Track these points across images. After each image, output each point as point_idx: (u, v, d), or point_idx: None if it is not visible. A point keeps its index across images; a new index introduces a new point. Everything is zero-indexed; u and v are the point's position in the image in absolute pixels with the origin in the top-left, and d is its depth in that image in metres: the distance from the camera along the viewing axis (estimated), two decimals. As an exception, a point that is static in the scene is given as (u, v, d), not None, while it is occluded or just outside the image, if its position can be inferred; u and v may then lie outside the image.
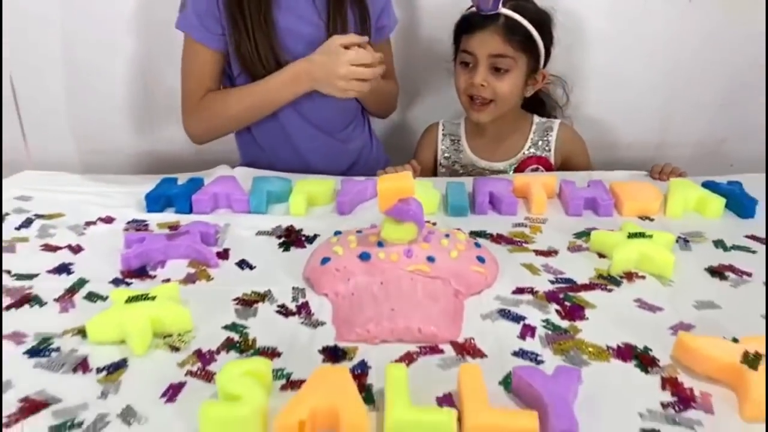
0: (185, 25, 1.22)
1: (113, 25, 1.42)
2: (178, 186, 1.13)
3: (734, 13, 1.49)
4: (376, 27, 1.29)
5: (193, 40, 1.22)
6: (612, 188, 1.11)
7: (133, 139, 1.58)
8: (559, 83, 1.41)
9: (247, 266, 0.93)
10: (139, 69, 1.47)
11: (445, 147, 1.38)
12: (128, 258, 0.91)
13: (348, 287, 0.84)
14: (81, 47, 1.44)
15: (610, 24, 1.50)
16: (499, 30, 1.21)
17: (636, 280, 0.89)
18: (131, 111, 1.54)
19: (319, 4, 1.22)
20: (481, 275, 0.87)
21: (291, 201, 1.08)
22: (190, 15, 1.21)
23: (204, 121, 1.27)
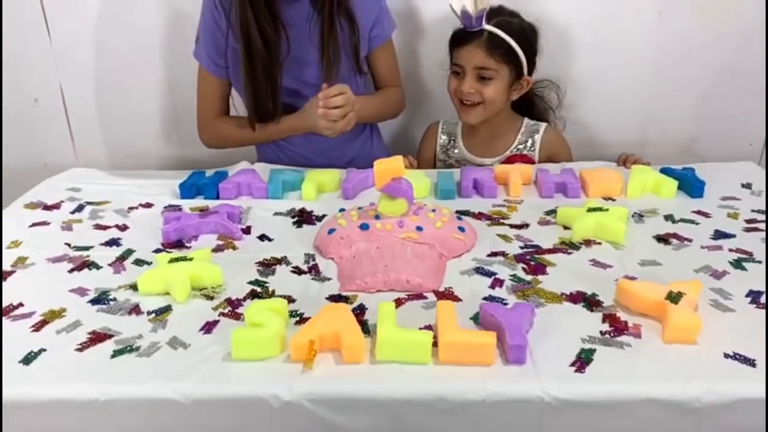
0: (198, 54, 1.40)
1: (146, 43, 1.61)
2: (206, 177, 1.31)
3: (704, 20, 1.64)
4: (369, 37, 1.43)
5: (203, 68, 1.40)
6: (581, 174, 1.28)
7: (162, 145, 1.76)
8: (553, 88, 1.56)
9: (266, 239, 1.11)
10: (168, 83, 1.65)
11: (442, 143, 1.55)
12: (168, 232, 1.09)
13: (350, 251, 1.01)
14: (118, 64, 1.63)
15: (592, 34, 1.66)
16: (482, 45, 1.36)
17: (593, 245, 1.05)
18: (162, 120, 1.72)
19: (313, 30, 1.35)
20: (461, 242, 1.04)
21: (303, 188, 1.26)
22: (201, 46, 1.38)
23: (216, 140, 1.48)
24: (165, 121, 1.69)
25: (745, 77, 1.65)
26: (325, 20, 1.32)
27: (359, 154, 1.52)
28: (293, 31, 1.34)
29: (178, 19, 1.53)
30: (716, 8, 1.63)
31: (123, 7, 1.58)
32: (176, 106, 1.62)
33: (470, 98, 1.41)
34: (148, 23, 1.58)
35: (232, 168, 1.38)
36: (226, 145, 1.50)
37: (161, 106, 1.67)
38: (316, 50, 1.35)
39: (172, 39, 1.53)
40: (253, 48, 1.29)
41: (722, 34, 1.64)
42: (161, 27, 1.58)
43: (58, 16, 1.49)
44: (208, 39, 1.36)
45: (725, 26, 1.63)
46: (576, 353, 0.79)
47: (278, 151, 1.49)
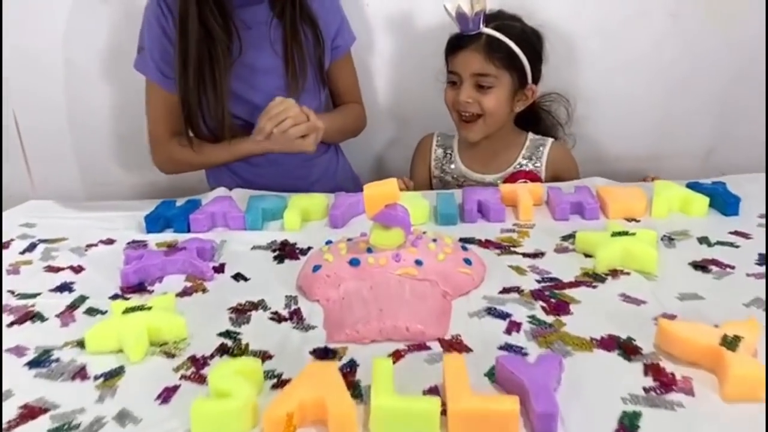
0: (142, 66, 1.27)
1: (113, 61, 1.48)
2: (176, 207, 1.16)
3: (719, 22, 1.52)
4: (331, 47, 1.33)
5: (150, 81, 1.27)
6: (598, 192, 1.14)
7: (133, 171, 1.62)
8: (561, 101, 1.43)
9: (242, 278, 0.96)
10: (137, 103, 1.52)
11: (437, 157, 1.41)
12: (127, 274, 0.94)
13: (339, 292, 0.86)
14: (81, 83, 1.50)
15: (599, 41, 1.53)
16: (480, 49, 1.25)
17: (621, 276, 0.91)
18: (131, 143, 1.58)
19: (273, 35, 1.25)
20: (468, 276, 0.89)
21: (285, 217, 1.11)
22: (146, 56, 1.25)
23: (171, 164, 1.36)
24: (135, 144, 1.55)
25: (765, 83, 1.53)
26: (287, 26, 1.22)
27: (324, 175, 1.41)
28: (250, 34, 1.22)
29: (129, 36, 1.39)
30: (732, 9, 1.51)
31: (81, 25, 1.45)
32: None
33: (468, 109, 1.28)
34: (111, 40, 1.46)
35: (206, 196, 1.23)
36: (183, 169, 1.38)
37: (130, 128, 1.53)
38: (280, 59, 1.23)
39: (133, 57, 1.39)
40: (190, 44, 1.16)
41: (739, 36, 1.52)
42: (122, 44, 1.45)
43: (9, 41, 1.35)
44: (155, 48, 1.24)
45: (743, 29, 1.51)
46: (617, 418, 0.64)
47: (233, 175, 1.35)
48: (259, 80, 1.25)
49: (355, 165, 1.55)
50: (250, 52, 1.24)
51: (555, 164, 1.38)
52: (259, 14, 1.24)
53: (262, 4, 1.25)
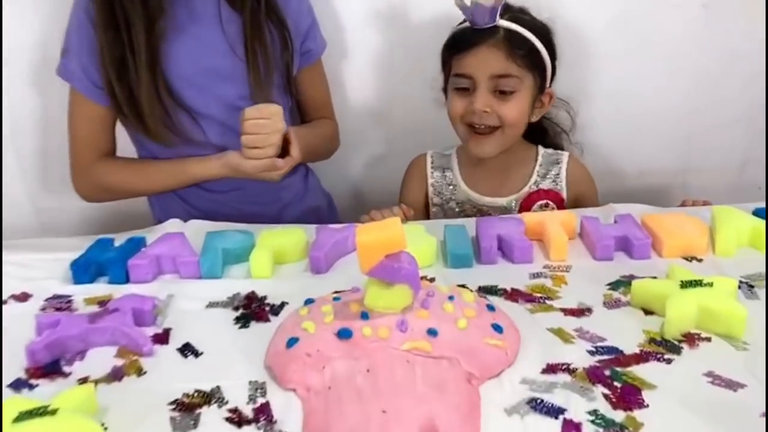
0: (67, 73, 1.05)
1: (39, 66, 1.23)
2: (113, 249, 0.92)
3: (755, 21, 1.32)
4: (300, 51, 1.12)
5: (76, 90, 1.05)
6: (645, 223, 0.91)
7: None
8: (562, 106, 1.22)
9: (191, 352, 0.71)
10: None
11: (435, 182, 1.18)
12: (34, 351, 0.69)
13: (323, 378, 0.63)
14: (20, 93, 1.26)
15: (617, 37, 1.32)
16: (500, 45, 1.02)
17: (699, 343, 0.68)
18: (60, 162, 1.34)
19: (231, 33, 1.04)
20: (500, 350, 0.66)
21: (252, 260, 0.87)
22: (72, 62, 1.03)
23: (96, 190, 1.13)
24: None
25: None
26: (247, 22, 1.02)
27: (294, 198, 1.19)
28: (198, 30, 1.01)
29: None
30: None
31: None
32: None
33: (485, 121, 1.04)
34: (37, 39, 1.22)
35: (152, 231, 0.99)
36: (115, 197, 1.15)
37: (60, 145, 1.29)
38: (241, 61, 1.03)
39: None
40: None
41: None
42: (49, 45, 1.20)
43: None
44: (83, 50, 1.01)
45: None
46: None
47: (183, 203, 1.13)
48: (217, 88, 1.01)
49: (327, 184, 1.32)
50: (203, 53, 1.01)
51: (576, 183, 1.16)
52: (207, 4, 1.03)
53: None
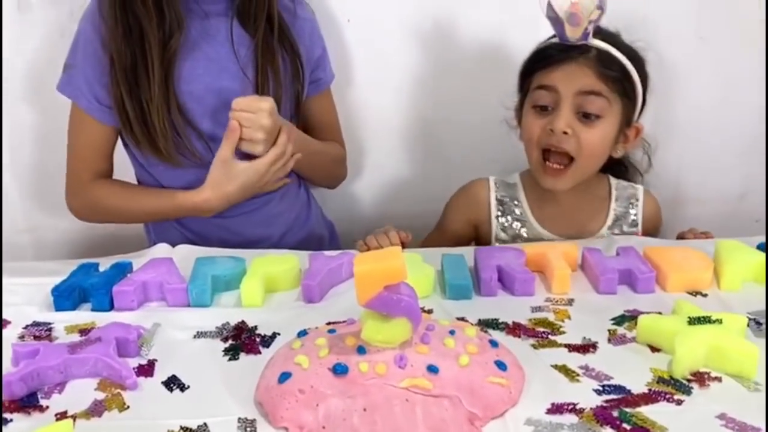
0: (70, 90, 1.03)
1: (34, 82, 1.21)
2: (97, 274, 0.88)
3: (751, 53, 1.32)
4: (310, 80, 1.11)
5: (78, 108, 1.03)
6: (648, 256, 0.89)
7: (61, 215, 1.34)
8: (639, 144, 1.12)
9: (177, 386, 0.68)
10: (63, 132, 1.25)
11: (500, 214, 1.07)
12: (10, 382, 0.65)
13: (317, 417, 0.59)
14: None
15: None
16: (591, 63, 0.95)
17: (710, 383, 0.66)
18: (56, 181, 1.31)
19: (243, 55, 1.02)
20: (504, 388, 0.63)
21: (243, 288, 0.84)
22: (77, 78, 1.01)
23: (90, 210, 1.10)
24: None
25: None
26: (259, 46, 1.01)
27: (293, 225, 1.16)
28: (211, 49, 1.01)
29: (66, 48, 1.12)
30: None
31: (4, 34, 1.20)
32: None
33: (563, 144, 0.96)
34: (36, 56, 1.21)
35: (141, 255, 0.95)
36: (108, 219, 1.13)
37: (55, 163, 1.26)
38: (251, 84, 1.02)
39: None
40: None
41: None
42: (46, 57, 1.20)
43: None
44: (88, 65, 0.99)
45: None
46: None
47: (182, 228, 1.10)
48: (227, 109, 0.98)
49: (333, 213, 1.30)
50: (215, 77, 1.01)
51: (650, 220, 1.09)
52: (219, 25, 1.02)
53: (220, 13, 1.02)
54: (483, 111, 1.21)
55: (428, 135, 1.34)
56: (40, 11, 1.20)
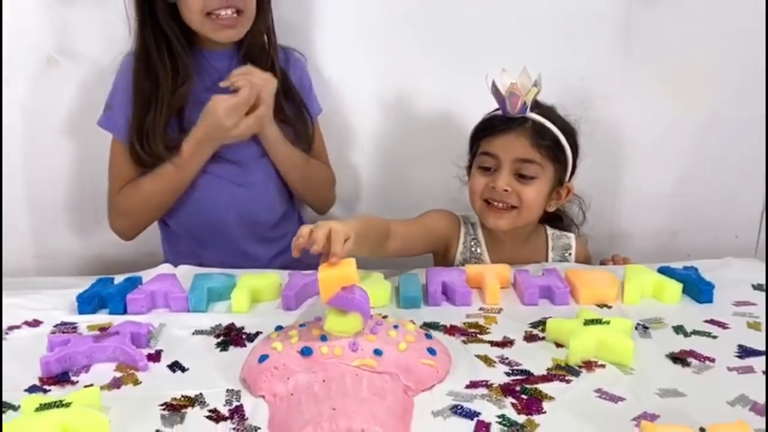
0: (111, 125, 1.23)
1: (55, 128, 1.41)
2: (113, 286, 1.06)
3: (680, 104, 1.53)
4: None
5: (118, 141, 1.23)
6: (567, 276, 1.08)
7: (80, 242, 1.52)
8: (575, 200, 1.31)
9: (179, 368, 0.86)
10: (85, 172, 1.44)
11: (466, 247, 1.23)
12: (48, 362, 0.83)
13: (287, 387, 0.77)
14: (36, 150, 1.43)
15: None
16: (527, 133, 1.12)
17: (595, 369, 0.84)
18: (78, 214, 1.49)
19: None
20: (432, 369, 0.81)
21: (233, 297, 1.02)
22: (116, 116, 1.22)
23: (126, 216, 1.27)
24: (83, 213, 1.47)
25: (730, 165, 1.52)
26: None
27: (285, 249, 1.30)
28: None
29: (90, 102, 1.34)
30: (693, 89, 1.52)
31: (33, 88, 1.39)
32: (96, 194, 1.38)
33: (505, 199, 1.13)
34: (54, 101, 1.40)
35: (148, 273, 1.14)
36: (139, 220, 1.28)
37: (75, 194, 1.45)
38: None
39: (84, 116, 1.34)
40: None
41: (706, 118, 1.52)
42: (69, 104, 1.40)
43: None
44: (123, 105, 1.20)
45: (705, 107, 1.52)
46: None
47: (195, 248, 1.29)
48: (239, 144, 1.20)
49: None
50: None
51: (581, 260, 1.27)
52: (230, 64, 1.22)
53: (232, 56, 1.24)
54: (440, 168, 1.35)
55: (390, 190, 1.52)
56: (66, 66, 1.41)
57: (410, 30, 1.41)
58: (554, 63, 1.39)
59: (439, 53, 1.43)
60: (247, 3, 1.17)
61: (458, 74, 1.42)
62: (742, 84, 1.44)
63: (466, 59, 1.41)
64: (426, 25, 1.41)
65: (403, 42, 1.41)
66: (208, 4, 1.14)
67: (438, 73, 1.44)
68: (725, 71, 1.47)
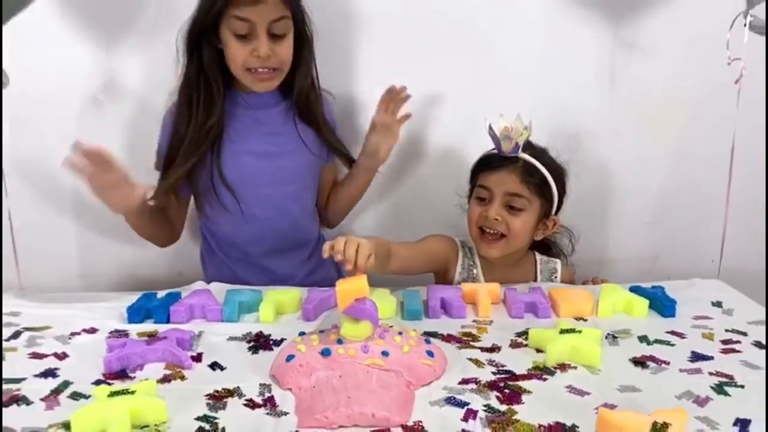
0: (157, 165, 1.41)
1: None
2: (157, 299, 1.23)
3: (658, 141, 1.69)
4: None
5: None
6: (550, 293, 1.24)
7: (115, 263, 1.69)
8: (566, 233, 1.48)
9: (218, 367, 1.02)
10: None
11: (464, 268, 1.40)
12: (110, 361, 1.00)
13: (310, 381, 0.93)
14: (70, 184, 1.58)
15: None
16: (517, 171, 1.30)
17: (568, 370, 1.00)
18: (116, 238, 1.65)
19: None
20: (431, 368, 0.97)
21: (261, 309, 1.19)
22: (161, 155, 1.40)
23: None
24: (120, 239, 1.63)
25: (701, 196, 1.68)
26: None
27: (309, 270, 1.51)
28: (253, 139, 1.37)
29: (134, 141, 1.52)
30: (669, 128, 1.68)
31: (82, 124, 1.56)
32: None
33: (495, 227, 1.31)
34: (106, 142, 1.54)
35: (185, 289, 1.30)
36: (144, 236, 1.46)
37: (114, 224, 1.62)
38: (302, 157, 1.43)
39: (126, 151, 1.51)
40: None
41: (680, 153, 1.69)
42: (119, 147, 1.55)
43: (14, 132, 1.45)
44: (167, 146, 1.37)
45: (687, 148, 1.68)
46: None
47: (229, 263, 1.47)
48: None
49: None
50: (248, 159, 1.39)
51: (566, 282, 1.43)
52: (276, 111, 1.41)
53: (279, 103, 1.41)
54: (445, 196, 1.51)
55: (399, 217, 1.68)
56: (109, 107, 1.59)
57: (416, 74, 1.55)
58: (546, 103, 1.60)
59: (446, 95, 1.60)
60: (283, 61, 1.32)
61: (461, 114, 1.60)
62: (712, 123, 1.60)
63: (469, 101, 1.59)
64: (431, 71, 1.58)
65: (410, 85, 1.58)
66: (247, 62, 1.30)
67: (444, 112, 1.61)
68: (697, 112, 1.65)
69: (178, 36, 1.35)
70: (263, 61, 1.29)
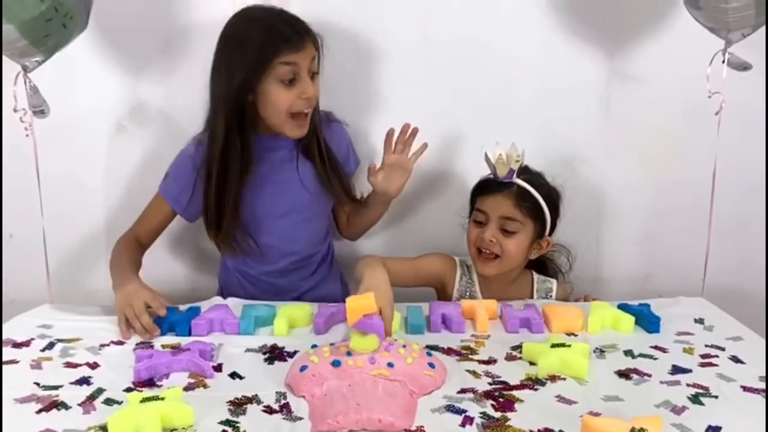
0: (166, 192, 1.49)
1: (127, 184, 1.69)
2: (178, 313, 1.33)
3: (649, 168, 1.80)
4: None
5: (162, 198, 1.49)
6: (543, 310, 1.33)
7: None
8: (563, 252, 1.58)
9: (237, 377, 1.11)
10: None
11: (462, 285, 1.49)
12: (139, 370, 1.09)
13: (322, 389, 1.03)
14: (101, 203, 1.70)
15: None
16: (512, 196, 1.38)
17: (558, 381, 1.09)
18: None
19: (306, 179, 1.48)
20: (432, 378, 1.06)
21: (275, 324, 1.28)
22: (171, 185, 1.48)
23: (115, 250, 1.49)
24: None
25: (687, 218, 1.76)
26: (318, 167, 1.47)
27: (315, 285, 1.58)
28: (276, 177, 1.45)
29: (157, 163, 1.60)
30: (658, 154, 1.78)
31: (110, 148, 1.68)
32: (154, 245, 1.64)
33: (490, 248, 1.40)
34: (131, 164, 1.69)
35: (204, 303, 1.40)
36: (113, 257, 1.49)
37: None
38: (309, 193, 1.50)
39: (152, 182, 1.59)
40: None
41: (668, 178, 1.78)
42: (142, 169, 1.68)
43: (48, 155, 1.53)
44: (180, 183, 1.46)
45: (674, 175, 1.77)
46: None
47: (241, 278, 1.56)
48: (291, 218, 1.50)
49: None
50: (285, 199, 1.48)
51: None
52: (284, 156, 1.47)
53: (286, 146, 1.47)
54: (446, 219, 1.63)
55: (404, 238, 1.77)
56: (133, 132, 1.70)
57: (417, 105, 1.66)
58: (544, 129, 1.70)
59: (446, 123, 1.69)
60: (316, 100, 1.39)
61: (460, 140, 1.71)
62: (699, 151, 1.68)
63: (467, 128, 1.69)
64: (432, 100, 1.68)
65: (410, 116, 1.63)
66: (294, 106, 1.33)
67: (443, 138, 1.71)
68: (685, 140, 1.74)
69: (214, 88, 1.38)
70: (310, 102, 1.36)
